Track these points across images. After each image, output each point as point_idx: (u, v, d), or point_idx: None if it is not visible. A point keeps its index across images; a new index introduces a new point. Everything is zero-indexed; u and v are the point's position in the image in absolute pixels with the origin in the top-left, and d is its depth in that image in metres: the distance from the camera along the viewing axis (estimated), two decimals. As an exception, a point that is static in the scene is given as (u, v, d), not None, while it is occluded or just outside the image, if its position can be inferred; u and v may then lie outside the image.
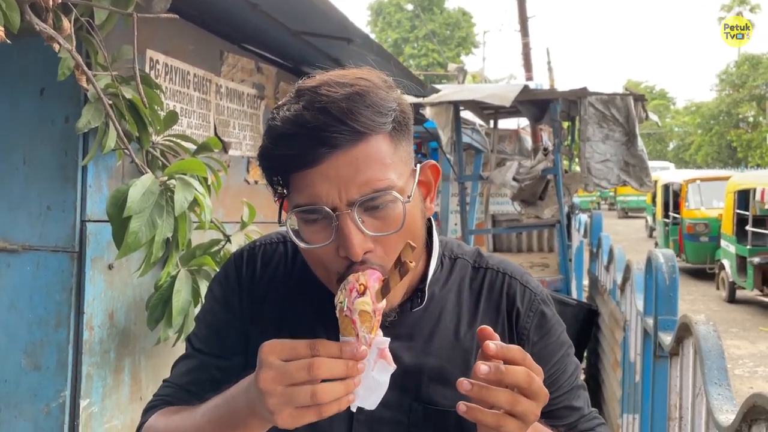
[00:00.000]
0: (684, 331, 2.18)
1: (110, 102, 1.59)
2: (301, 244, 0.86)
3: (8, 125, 1.89)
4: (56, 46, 1.43)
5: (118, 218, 1.59)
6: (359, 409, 0.81)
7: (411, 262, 0.76)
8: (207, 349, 1.04)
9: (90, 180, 1.86)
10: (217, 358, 1.02)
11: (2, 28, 1.23)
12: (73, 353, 1.85)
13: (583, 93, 5.37)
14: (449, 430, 0.93)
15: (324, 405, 0.74)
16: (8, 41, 1.27)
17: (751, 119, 35.09)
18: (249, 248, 1.06)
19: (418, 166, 0.91)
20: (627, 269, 3.59)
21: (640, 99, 5.51)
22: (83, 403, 1.86)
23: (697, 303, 10.26)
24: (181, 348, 2.20)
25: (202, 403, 0.92)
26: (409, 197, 0.85)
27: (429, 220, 0.98)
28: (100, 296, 1.90)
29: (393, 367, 0.79)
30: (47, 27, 1.38)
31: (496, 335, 0.80)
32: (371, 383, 0.78)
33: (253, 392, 0.79)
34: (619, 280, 3.92)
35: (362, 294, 0.76)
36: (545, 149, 5.73)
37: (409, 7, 31.73)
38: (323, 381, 0.75)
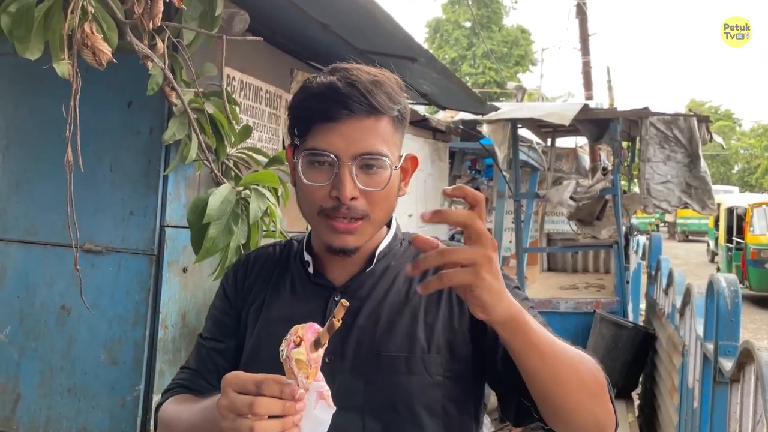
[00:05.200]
0: (746, 357, 2.15)
1: (195, 116, 1.70)
2: (304, 179, 1.04)
3: (97, 134, 2.03)
4: (149, 64, 1.55)
5: (198, 224, 1.70)
6: (329, 364, 1.00)
7: (339, 321, 0.85)
8: (210, 336, 1.21)
9: (170, 188, 1.98)
10: (216, 342, 1.19)
11: (109, 50, 1.35)
12: (148, 350, 1.96)
13: (644, 113, 5.29)
14: (399, 370, 1.06)
15: None
16: (114, 61, 1.39)
17: (822, 143, 33.61)
18: (247, 254, 1.27)
19: (404, 154, 1.12)
20: (687, 293, 3.52)
21: (704, 120, 5.39)
22: (156, 398, 1.96)
23: (760, 332, 9.87)
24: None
25: (204, 399, 1.04)
26: (396, 167, 1.06)
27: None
28: (175, 297, 2.02)
29: (333, 408, 0.87)
30: (145, 47, 1.50)
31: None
32: (314, 421, 0.86)
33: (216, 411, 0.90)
34: (678, 304, 3.84)
35: (298, 345, 0.84)
36: (604, 169, 5.65)
37: (468, 24, 31.74)
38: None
